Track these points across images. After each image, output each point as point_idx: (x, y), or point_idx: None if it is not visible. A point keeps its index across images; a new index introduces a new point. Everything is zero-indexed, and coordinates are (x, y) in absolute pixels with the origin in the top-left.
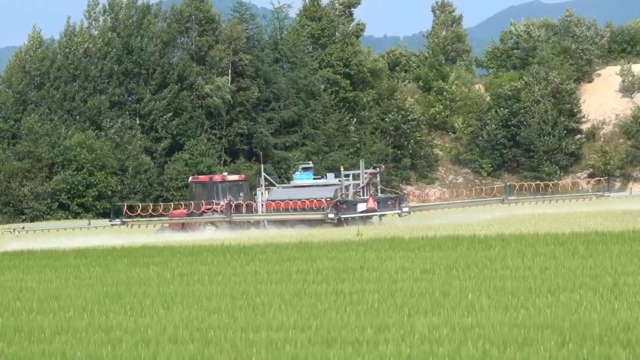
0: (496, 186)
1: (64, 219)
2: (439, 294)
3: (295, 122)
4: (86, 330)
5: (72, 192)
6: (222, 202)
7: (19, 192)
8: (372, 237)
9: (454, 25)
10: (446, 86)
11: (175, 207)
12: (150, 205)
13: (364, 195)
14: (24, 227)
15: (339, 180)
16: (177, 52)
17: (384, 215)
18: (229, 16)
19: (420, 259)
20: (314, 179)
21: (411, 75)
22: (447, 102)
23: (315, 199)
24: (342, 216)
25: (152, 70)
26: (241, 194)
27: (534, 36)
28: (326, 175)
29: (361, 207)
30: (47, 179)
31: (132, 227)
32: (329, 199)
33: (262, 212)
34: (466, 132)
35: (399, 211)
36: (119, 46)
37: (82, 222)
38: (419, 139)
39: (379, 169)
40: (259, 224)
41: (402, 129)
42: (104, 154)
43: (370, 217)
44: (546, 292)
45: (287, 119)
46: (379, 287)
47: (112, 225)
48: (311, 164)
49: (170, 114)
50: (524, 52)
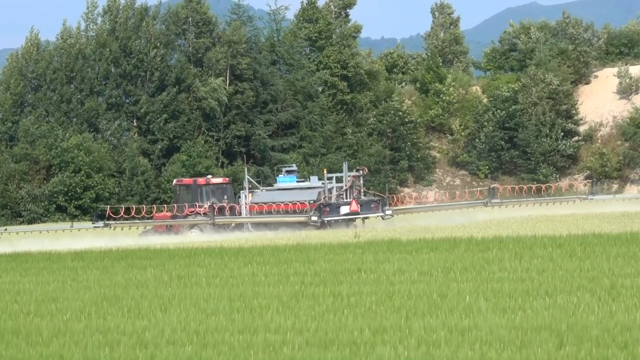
0: (479, 189)
1: (62, 221)
2: (437, 296)
3: (292, 124)
4: (84, 332)
5: (69, 194)
6: (205, 205)
7: (17, 195)
8: (370, 239)
9: (452, 27)
10: (443, 88)
11: (158, 210)
12: (133, 207)
13: (347, 198)
14: (6, 229)
15: (322, 183)
16: (175, 54)
17: (367, 218)
18: (227, 18)
19: (417, 261)
20: (298, 181)
21: (409, 77)
22: (445, 104)
23: (298, 201)
24: (325, 219)
25: (151, 72)
26: (225, 197)
27: (532, 38)
28: (309, 178)
29: (344, 209)
30: (45, 181)
31: (114, 230)
32: (312, 202)
33: (246, 214)
34: (463, 134)
35: (382, 214)
36: (116, 48)
37: (65, 224)
38: (417, 141)
39: (361, 172)
40: (242, 227)
41: (400, 131)
42: (101, 156)
43: (353, 219)
44: (544, 294)
45: (284, 121)
46: (376, 289)
47: (94, 227)
48: (295, 167)
49: (166, 116)
50: (521, 54)
